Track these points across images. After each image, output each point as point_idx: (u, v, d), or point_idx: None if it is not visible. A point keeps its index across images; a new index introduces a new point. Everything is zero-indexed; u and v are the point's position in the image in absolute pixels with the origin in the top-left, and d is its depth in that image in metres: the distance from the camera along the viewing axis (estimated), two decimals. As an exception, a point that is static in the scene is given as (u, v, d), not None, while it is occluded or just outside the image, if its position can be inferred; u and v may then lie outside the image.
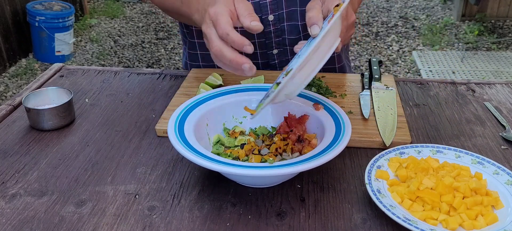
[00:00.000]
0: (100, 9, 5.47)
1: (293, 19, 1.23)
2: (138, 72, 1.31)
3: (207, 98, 0.98)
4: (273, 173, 0.75)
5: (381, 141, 0.96)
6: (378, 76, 1.19)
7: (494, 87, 1.24)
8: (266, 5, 1.20)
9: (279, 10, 1.21)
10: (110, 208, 0.81)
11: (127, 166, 0.92)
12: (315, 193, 0.84)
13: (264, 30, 1.23)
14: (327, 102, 0.96)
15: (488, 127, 1.06)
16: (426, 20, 5.14)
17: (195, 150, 0.80)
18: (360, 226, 0.78)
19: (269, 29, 1.24)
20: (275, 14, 1.22)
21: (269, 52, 1.28)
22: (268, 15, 1.22)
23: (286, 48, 1.28)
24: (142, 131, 1.03)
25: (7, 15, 4.03)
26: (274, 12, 1.21)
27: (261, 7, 1.20)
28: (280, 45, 1.27)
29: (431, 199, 0.78)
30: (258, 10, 1.21)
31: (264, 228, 0.77)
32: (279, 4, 1.20)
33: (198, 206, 0.81)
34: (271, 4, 1.20)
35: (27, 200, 0.83)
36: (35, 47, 4.23)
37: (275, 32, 1.25)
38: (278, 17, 1.22)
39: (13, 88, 3.78)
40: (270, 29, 1.24)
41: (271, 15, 1.22)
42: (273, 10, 1.21)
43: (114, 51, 4.50)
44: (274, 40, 1.26)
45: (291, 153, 0.88)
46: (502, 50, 4.40)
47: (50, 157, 0.95)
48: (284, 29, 1.25)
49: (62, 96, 1.08)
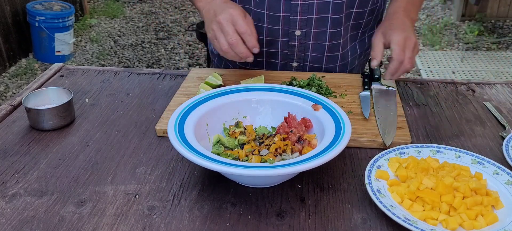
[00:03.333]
0: (100, 9, 5.46)
1: (321, 40, 1.23)
2: (138, 72, 1.31)
3: (207, 98, 0.98)
4: (273, 173, 0.75)
5: (381, 141, 0.96)
6: (378, 76, 1.19)
7: (494, 87, 1.23)
8: (296, 21, 1.20)
9: (307, 28, 1.21)
10: (110, 208, 0.81)
11: (127, 166, 0.92)
12: (315, 193, 0.84)
13: (289, 43, 1.24)
14: (327, 102, 0.96)
15: (488, 127, 1.06)
16: (426, 20, 5.14)
17: (195, 150, 0.80)
18: (360, 226, 0.78)
19: (293, 43, 1.24)
20: (302, 30, 1.22)
21: (289, 63, 1.29)
22: (295, 30, 1.22)
23: (306, 64, 1.28)
24: (142, 131, 1.03)
25: (7, 15, 4.03)
26: (302, 28, 1.21)
27: (290, 22, 1.21)
28: (301, 60, 1.28)
29: (431, 199, 0.78)
30: (287, 23, 1.21)
31: (264, 228, 0.77)
32: (309, 23, 1.20)
33: (198, 206, 0.81)
34: (301, 21, 1.20)
35: (27, 200, 0.83)
36: (35, 47, 4.23)
37: (299, 47, 1.25)
38: (305, 34, 1.22)
39: (13, 88, 3.78)
40: (294, 44, 1.24)
41: (299, 30, 1.22)
42: (301, 27, 1.21)
43: (114, 51, 4.50)
44: (297, 54, 1.26)
45: (291, 153, 0.88)
46: (502, 50, 4.40)
47: (50, 157, 0.95)
48: (309, 47, 1.25)
49: (62, 96, 1.08)
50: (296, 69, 1.29)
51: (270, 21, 1.21)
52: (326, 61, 1.28)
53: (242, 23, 1.05)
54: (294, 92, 1.00)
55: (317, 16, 1.19)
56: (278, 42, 1.25)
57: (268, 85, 1.04)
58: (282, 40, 1.24)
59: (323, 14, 1.19)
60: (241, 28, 1.05)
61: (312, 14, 1.19)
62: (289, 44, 1.25)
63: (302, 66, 1.29)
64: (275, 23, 1.21)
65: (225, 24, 1.05)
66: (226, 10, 1.06)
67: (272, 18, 1.21)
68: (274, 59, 1.29)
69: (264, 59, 1.29)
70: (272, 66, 1.30)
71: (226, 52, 1.06)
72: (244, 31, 1.05)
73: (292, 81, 1.18)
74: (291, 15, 1.20)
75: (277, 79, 1.21)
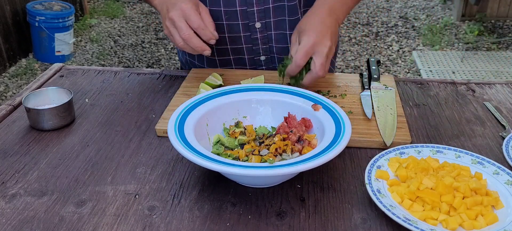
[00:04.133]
0: (100, 9, 5.46)
1: (281, 28, 1.23)
2: (138, 72, 1.31)
3: (207, 98, 0.98)
4: (273, 173, 0.75)
5: (381, 141, 0.96)
6: (377, 76, 1.19)
7: (494, 87, 1.24)
8: (254, 13, 1.20)
9: (267, 19, 1.21)
10: (110, 208, 0.81)
11: (127, 166, 0.92)
12: (315, 193, 0.84)
13: (251, 36, 1.24)
14: (327, 102, 0.96)
15: (488, 127, 1.06)
16: (426, 20, 5.14)
17: (195, 150, 0.80)
18: (360, 226, 0.78)
19: (256, 36, 1.24)
20: (262, 22, 1.22)
21: (256, 58, 1.29)
22: (255, 23, 1.22)
23: (273, 56, 1.28)
24: (142, 131, 1.03)
25: (7, 15, 4.03)
26: (261, 20, 1.21)
27: (248, 15, 1.20)
28: (268, 52, 1.28)
29: (431, 199, 0.78)
30: (245, 17, 1.21)
31: (264, 228, 0.77)
32: (267, 13, 1.20)
33: (198, 206, 0.81)
34: (258, 12, 1.20)
35: (27, 200, 0.83)
36: (35, 47, 4.23)
37: (262, 39, 1.25)
38: (265, 25, 1.22)
39: (13, 88, 3.78)
40: (257, 36, 1.24)
41: (258, 22, 1.22)
42: (260, 18, 1.21)
43: (114, 51, 4.50)
44: (261, 47, 1.27)
45: (291, 153, 0.88)
46: (502, 50, 4.40)
47: (50, 157, 0.95)
48: (272, 37, 1.25)
49: (62, 96, 1.08)
50: (265, 62, 1.30)
51: (228, 17, 1.21)
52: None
53: (194, 17, 1.05)
54: (294, 92, 1.00)
55: (274, 4, 1.19)
56: (241, 38, 1.25)
57: (268, 85, 1.04)
58: (245, 35, 1.24)
59: (279, 2, 1.18)
60: (193, 23, 1.05)
61: (268, 3, 1.19)
62: (252, 38, 1.25)
63: (270, 58, 1.29)
64: (233, 18, 1.21)
65: (177, 20, 1.06)
66: (177, 5, 1.06)
67: (229, 14, 1.20)
68: (241, 55, 1.29)
69: (231, 56, 1.30)
70: (241, 63, 1.31)
71: (182, 47, 1.08)
72: (197, 26, 1.05)
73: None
74: (248, 8, 1.19)
75: (275, 79, 1.21)
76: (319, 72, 1.03)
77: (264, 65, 1.30)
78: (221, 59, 1.31)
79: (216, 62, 1.32)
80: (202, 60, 1.35)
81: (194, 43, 1.06)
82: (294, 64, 1.04)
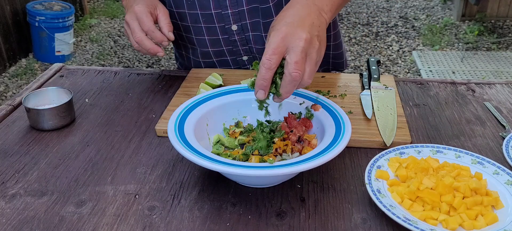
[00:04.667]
0: (100, 9, 5.46)
1: (257, 30, 1.23)
2: (138, 72, 1.31)
3: (207, 98, 0.98)
4: (273, 173, 0.75)
5: (381, 141, 0.96)
6: (377, 76, 1.19)
7: (494, 87, 1.23)
8: (229, 16, 1.20)
9: (242, 21, 1.21)
10: (110, 208, 0.81)
11: (127, 166, 0.92)
12: (315, 193, 0.84)
13: (230, 38, 1.24)
14: (327, 102, 0.96)
15: (488, 127, 1.06)
16: (426, 20, 5.14)
17: (195, 150, 0.80)
18: (360, 226, 0.78)
19: (233, 38, 1.24)
20: (238, 24, 1.21)
21: (238, 58, 1.29)
22: (231, 25, 1.22)
23: (255, 55, 1.28)
24: (142, 131, 1.03)
25: (7, 15, 4.03)
26: (237, 22, 1.21)
27: (224, 17, 1.20)
28: (249, 52, 1.28)
29: (431, 199, 0.78)
30: (221, 19, 1.21)
31: (264, 228, 0.77)
32: (242, 15, 1.20)
33: (198, 206, 0.81)
34: (233, 15, 1.20)
35: (27, 200, 0.83)
36: (35, 47, 4.23)
37: (241, 41, 1.25)
38: (241, 27, 1.22)
39: (13, 88, 3.78)
40: (235, 38, 1.24)
41: (234, 25, 1.21)
42: (236, 21, 1.21)
43: (114, 51, 4.50)
44: (241, 48, 1.26)
45: (291, 153, 0.88)
46: (502, 50, 4.40)
47: (50, 157, 0.95)
48: (249, 38, 1.24)
49: (62, 96, 1.08)
50: (248, 62, 1.30)
51: (205, 20, 1.22)
52: None
53: (145, 20, 1.09)
54: (294, 92, 1.00)
55: (248, 7, 1.19)
56: (220, 40, 1.25)
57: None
58: (223, 38, 1.24)
59: (253, 4, 1.18)
60: (144, 25, 1.10)
61: (242, 6, 1.18)
62: (231, 40, 1.25)
63: (252, 57, 1.29)
64: (210, 21, 1.22)
65: (131, 22, 1.10)
66: (132, 8, 1.11)
67: (206, 17, 1.21)
68: (223, 56, 1.29)
69: (214, 58, 1.30)
70: (225, 64, 1.31)
71: (137, 49, 1.12)
72: (148, 29, 1.10)
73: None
74: (223, 11, 1.19)
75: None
76: (293, 73, 0.79)
77: (248, 64, 1.31)
78: (205, 61, 1.32)
79: (201, 64, 1.33)
80: (189, 62, 1.36)
81: (145, 45, 1.10)
82: (261, 69, 0.80)
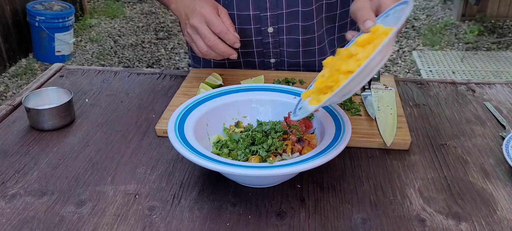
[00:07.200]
0: (100, 9, 5.46)
1: (293, 33, 1.23)
2: (138, 72, 1.31)
3: (207, 98, 0.98)
4: (273, 173, 0.75)
5: (381, 141, 0.96)
6: (377, 76, 1.19)
7: (494, 87, 1.23)
8: (267, 18, 1.20)
9: (279, 24, 1.21)
10: (110, 208, 0.81)
11: (127, 166, 0.92)
12: (315, 193, 0.84)
13: (263, 40, 1.24)
14: (327, 102, 0.96)
15: (488, 127, 1.06)
16: (426, 20, 5.14)
17: (195, 150, 0.80)
18: (360, 226, 0.78)
19: (267, 40, 1.24)
20: (275, 27, 1.21)
21: (266, 60, 1.29)
22: (267, 27, 1.21)
23: (283, 59, 1.28)
24: (142, 131, 1.03)
25: (7, 15, 4.03)
26: (273, 25, 1.21)
27: (261, 19, 1.20)
28: (278, 56, 1.27)
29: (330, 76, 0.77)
30: (258, 21, 1.20)
31: (264, 228, 0.77)
32: (280, 18, 1.20)
33: (198, 206, 0.81)
34: (271, 17, 1.20)
35: (27, 200, 0.83)
36: (35, 47, 4.23)
37: (274, 43, 1.24)
38: (277, 30, 1.22)
39: (13, 88, 3.78)
40: (268, 41, 1.24)
41: (271, 27, 1.21)
42: (273, 23, 1.21)
43: (114, 51, 4.50)
44: (272, 50, 1.26)
45: (291, 153, 0.88)
46: (502, 50, 4.40)
47: (50, 157, 0.95)
48: (283, 42, 1.24)
49: (62, 96, 1.08)
50: (274, 65, 1.29)
51: (241, 21, 1.21)
52: (303, 56, 1.27)
53: (216, 22, 1.03)
54: (294, 92, 1.00)
55: (287, 10, 1.18)
56: (252, 42, 1.24)
57: (268, 85, 1.04)
58: (256, 39, 1.24)
59: (293, 8, 1.18)
60: (216, 28, 1.03)
61: (282, 9, 1.18)
62: (263, 42, 1.24)
63: (280, 62, 1.29)
64: (246, 22, 1.21)
65: (200, 27, 1.03)
66: (197, 11, 1.04)
67: (242, 18, 1.20)
68: (251, 57, 1.29)
69: (241, 59, 1.29)
70: (251, 65, 1.30)
71: (206, 54, 1.06)
72: (220, 31, 1.03)
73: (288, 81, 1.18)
74: (261, 13, 1.19)
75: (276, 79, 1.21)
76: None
77: (274, 68, 1.30)
78: (230, 61, 1.30)
79: (225, 64, 1.32)
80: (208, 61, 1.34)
81: (220, 49, 1.04)
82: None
